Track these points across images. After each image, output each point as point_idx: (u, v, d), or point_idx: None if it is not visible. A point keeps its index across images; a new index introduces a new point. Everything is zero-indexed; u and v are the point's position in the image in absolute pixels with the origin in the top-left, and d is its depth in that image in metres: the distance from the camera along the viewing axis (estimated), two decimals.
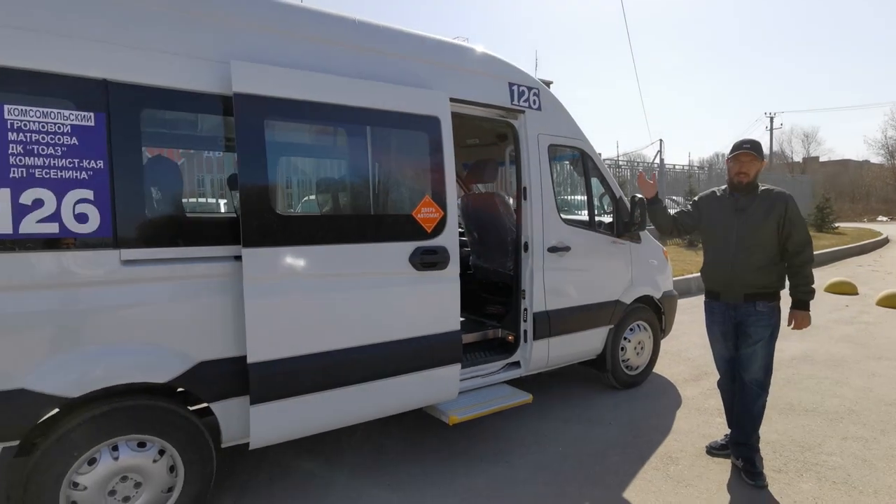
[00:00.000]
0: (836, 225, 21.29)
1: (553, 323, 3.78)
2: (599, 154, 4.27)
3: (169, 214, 2.53)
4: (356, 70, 2.85)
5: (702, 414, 3.96)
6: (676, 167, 18.45)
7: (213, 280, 2.47)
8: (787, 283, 3.10)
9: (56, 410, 2.19)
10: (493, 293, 4.39)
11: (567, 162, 4.39)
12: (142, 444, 2.37)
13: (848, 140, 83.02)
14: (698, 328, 3.42)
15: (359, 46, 2.91)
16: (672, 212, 3.45)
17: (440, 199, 3.05)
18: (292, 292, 2.57)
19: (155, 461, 2.40)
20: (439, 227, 3.04)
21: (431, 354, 3.06)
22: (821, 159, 58.78)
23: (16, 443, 2.10)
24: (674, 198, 16.68)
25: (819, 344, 5.82)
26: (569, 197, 10.26)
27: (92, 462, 2.27)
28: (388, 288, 2.87)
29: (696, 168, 17.98)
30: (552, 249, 3.76)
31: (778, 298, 3.09)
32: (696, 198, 3.44)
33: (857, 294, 8.84)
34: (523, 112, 3.66)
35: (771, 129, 43.03)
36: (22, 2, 2.09)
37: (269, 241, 2.49)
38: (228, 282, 2.49)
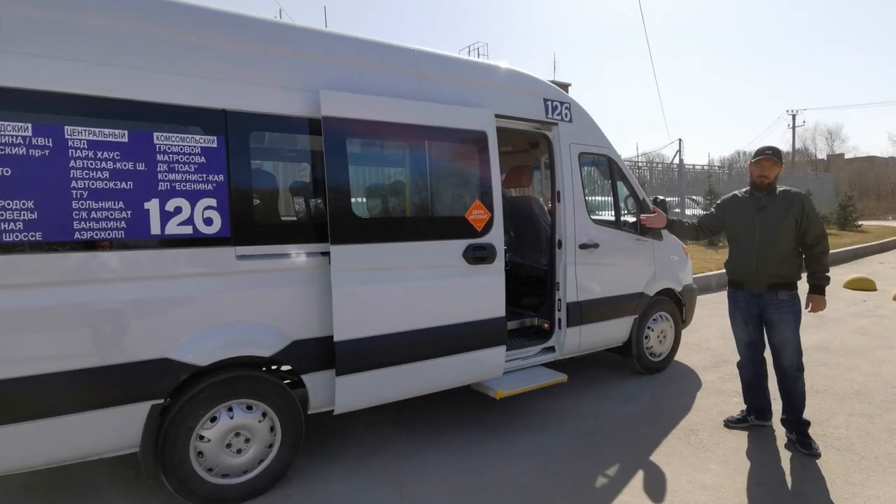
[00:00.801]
0: (860, 223, 21.23)
1: (584, 312, 4.23)
2: (620, 156, 4.71)
3: (270, 217, 3.05)
4: (417, 92, 3.35)
5: (720, 395, 4.36)
6: (696, 167, 18.68)
7: (303, 272, 2.98)
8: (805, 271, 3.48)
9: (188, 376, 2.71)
10: (528, 286, 4.85)
11: (595, 167, 4.82)
12: (249, 407, 2.88)
13: (873, 137, 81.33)
14: (717, 321, 3.78)
15: (419, 73, 3.41)
16: (690, 211, 3.89)
17: (488, 202, 3.53)
18: (369, 282, 3.07)
19: (259, 421, 2.90)
20: (487, 226, 3.52)
21: (482, 337, 3.54)
22: (846, 156, 57.85)
23: (162, 401, 2.63)
24: (693, 197, 16.91)
25: (834, 335, 6.15)
26: (590, 198, 10.61)
27: (213, 420, 2.78)
28: (445, 279, 3.36)
29: (716, 168, 18.12)
30: (583, 246, 4.21)
31: (796, 287, 3.46)
32: (718, 201, 3.84)
33: (875, 290, 9.07)
34: (556, 124, 4.12)
35: (793, 127, 42.59)
36: (162, 51, 2.62)
37: (351, 239, 3.00)
38: (315, 273, 2.99)
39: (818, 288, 3.44)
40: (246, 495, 2.86)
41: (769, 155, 3.40)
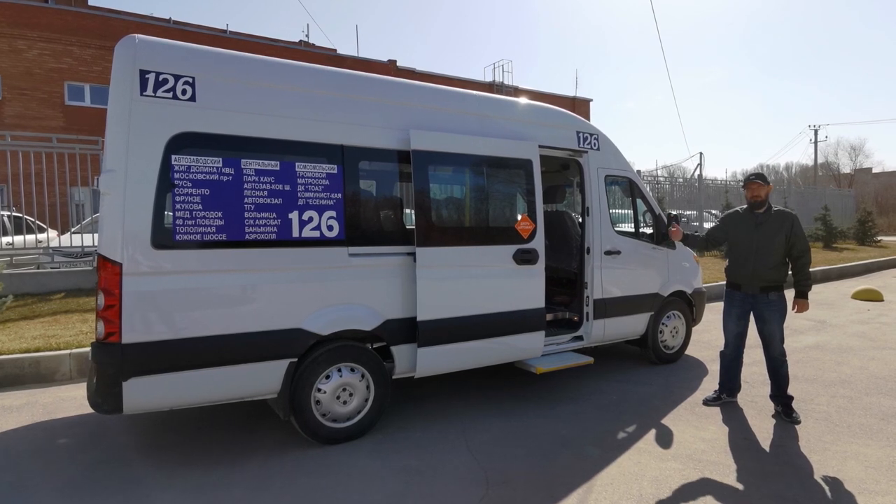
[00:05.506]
0: (879, 238, 21.58)
1: (608, 307, 5.08)
2: (639, 171, 5.57)
3: (372, 225, 3.97)
4: (480, 129, 4.28)
5: None
6: (717, 181, 19.26)
7: (395, 267, 3.90)
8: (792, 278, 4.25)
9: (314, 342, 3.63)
10: (560, 287, 5.72)
11: (618, 186, 5.67)
12: (352, 369, 3.79)
13: None
14: None
15: (481, 114, 4.35)
16: (708, 225, 4.70)
17: (533, 216, 4.43)
18: (444, 276, 3.98)
19: (359, 381, 3.81)
20: (532, 235, 4.42)
21: (526, 323, 4.42)
22: (874, 170, 57.38)
23: (295, 359, 3.56)
24: (712, 211, 17.54)
25: (832, 337, 6.87)
26: (613, 211, 11.40)
27: (328, 377, 3.70)
28: (499, 276, 4.27)
29: (732, 183, 18.75)
30: (607, 253, 5.08)
31: (783, 289, 4.26)
32: (723, 215, 4.66)
33: (882, 301, 9.67)
34: (587, 152, 5.01)
35: (815, 142, 42.71)
36: (306, 103, 3.59)
37: (431, 243, 3.92)
38: (403, 269, 3.91)
39: (802, 293, 4.22)
40: (348, 437, 3.76)
41: (754, 179, 4.25)
